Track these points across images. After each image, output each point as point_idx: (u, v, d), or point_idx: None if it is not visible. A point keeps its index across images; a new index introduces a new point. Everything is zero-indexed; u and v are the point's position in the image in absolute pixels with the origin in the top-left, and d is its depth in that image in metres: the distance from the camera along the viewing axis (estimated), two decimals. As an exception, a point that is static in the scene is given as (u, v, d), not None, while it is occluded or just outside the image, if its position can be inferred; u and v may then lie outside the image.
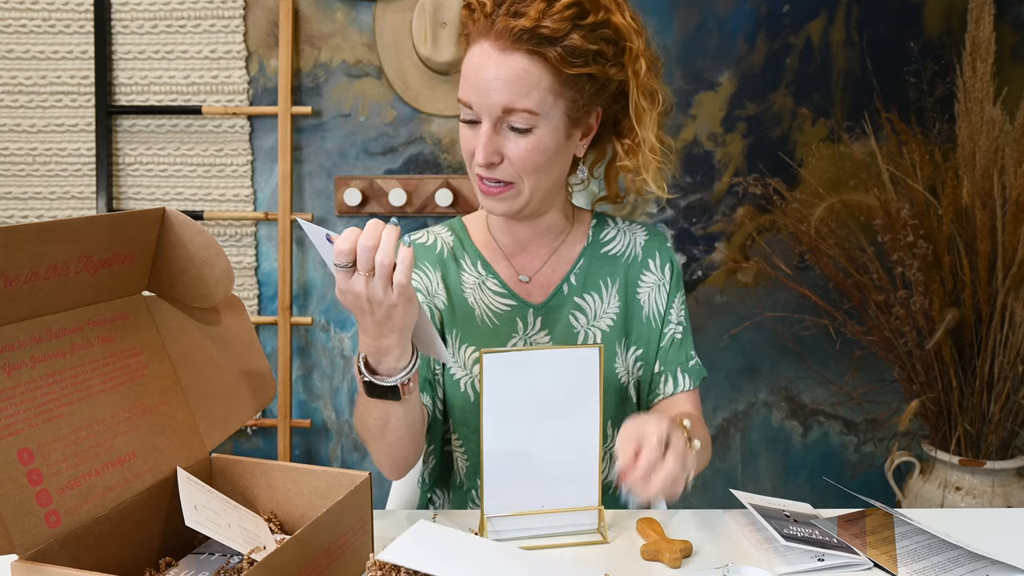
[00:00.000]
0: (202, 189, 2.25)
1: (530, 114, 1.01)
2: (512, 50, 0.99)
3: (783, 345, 2.29)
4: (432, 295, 1.19)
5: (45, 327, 0.80)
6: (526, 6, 0.99)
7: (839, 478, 2.34)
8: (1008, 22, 2.14)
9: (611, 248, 1.22)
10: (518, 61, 1.00)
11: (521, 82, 1.00)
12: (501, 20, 0.99)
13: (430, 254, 1.20)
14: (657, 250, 1.22)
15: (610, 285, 1.19)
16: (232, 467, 0.96)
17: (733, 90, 2.21)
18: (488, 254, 1.20)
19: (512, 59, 1.00)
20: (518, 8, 0.99)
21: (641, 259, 1.21)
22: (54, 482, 0.77)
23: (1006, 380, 1.95)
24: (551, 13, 0.98)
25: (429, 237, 1.23)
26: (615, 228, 1.24)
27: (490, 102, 1.01)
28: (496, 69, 1.00)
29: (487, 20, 1.00)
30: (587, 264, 1.20)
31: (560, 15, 0.98)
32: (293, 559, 0.77)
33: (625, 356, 1.20)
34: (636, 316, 1.21)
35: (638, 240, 1.22)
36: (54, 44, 2.19)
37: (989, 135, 1.94)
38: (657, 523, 1.03)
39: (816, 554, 0.95)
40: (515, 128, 1.02)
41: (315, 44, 2.21)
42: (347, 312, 2.29)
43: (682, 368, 1.21)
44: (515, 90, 1.00)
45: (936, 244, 1.96)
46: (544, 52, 0.99)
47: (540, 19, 0.98)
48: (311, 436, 2.35)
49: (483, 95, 1.01)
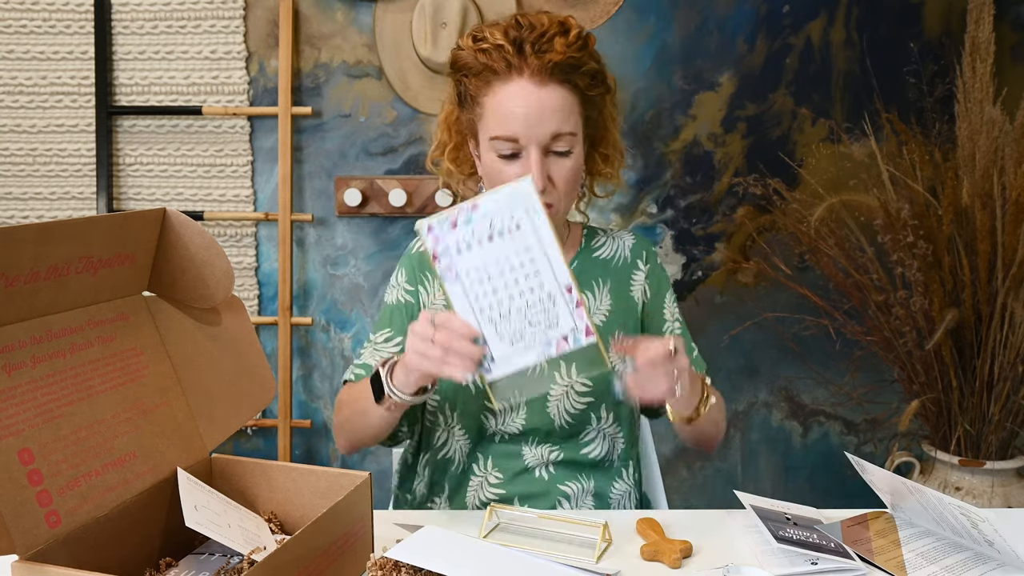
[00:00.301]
0: (202, 189, 2.25)
1: (571, 136, 1.11)
2: (548, 82, 1.09)
3: (783, 345, 2.29)
4: (431, 307, 1.23)
5: (45, 327, 0.81)
6: (548, 42, 1.09)
7: (839, 478, 2.34)
8: (1008, 22, 2.15)
9: (602, 253, 1.29)
10: (556, 91, 1.10)
11: (563, 110, 1.10)
12: (533, 59, 1.08)
13: (427, 261, 1.23)
14: (644, 250, 1.30)
15: (601, 285, 1.25)
16: (232, 467, 0.96)
17: (733, 90, 2.21)
18: None
19: (551, 90, 1.09)
20: (541, 45, 1.09)
21: (630, 260, 1.29)
22: (54, 482, 0.77)
23: (1006, 380, 1.95)
24: (571, 44, 1.10)
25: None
26: (605, 236, 1.31)
27: (540, 132, 1.09)
28: (540, 101, 1.09)
29: (515, 59, 1.09)
30: (579, 266, 1.26)
31: (576, 45, 1.10)
32: (293, 559, 0.77)
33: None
34: (631, 313, 1.27)
35: (626, 244, 1.30)
36: (54, 44, 2.19)
37: (989, 135, 1.94)
38: (657, 523, 1.04)
39: (810, 558, 0.95)
40: (558, 152, 1.11)
41: (315, 44, 2.21)
42: (347, 312, 2.30)
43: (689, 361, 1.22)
44: (561, 117, 1.10)
45: (936, 244, 1.96)
46: (574, 80, 1.10)
47: (565, 51, 1.08)
48: (311, 436, 2.35)
49: (532, 127, 1.09)
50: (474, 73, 1.12)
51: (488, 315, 0.96)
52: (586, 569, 0.89)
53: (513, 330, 0.96)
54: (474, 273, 0.96)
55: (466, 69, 1.14)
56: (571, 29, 1.12)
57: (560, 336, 0.96)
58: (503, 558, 0.86)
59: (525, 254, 0.96)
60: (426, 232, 0.96)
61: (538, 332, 0.96)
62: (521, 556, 0.87)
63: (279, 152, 2.20)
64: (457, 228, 0.96)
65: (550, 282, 0.96)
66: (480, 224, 0.96)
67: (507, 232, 0.96)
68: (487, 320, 0.96)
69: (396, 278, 1.28)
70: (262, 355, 1.02)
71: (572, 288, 0.96)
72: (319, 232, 2.27)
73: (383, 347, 1.23)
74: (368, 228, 2.27)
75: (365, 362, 1.24)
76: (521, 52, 1.09)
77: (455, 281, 0.97)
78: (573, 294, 0.96)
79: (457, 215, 0.96)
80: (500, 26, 1.12)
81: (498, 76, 1.10)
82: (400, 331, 1.23)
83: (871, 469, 1.05)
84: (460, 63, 1.15)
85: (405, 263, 1.28)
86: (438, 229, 0.96)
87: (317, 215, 2.26)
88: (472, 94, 1.14)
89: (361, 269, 2.28)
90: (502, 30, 1.11)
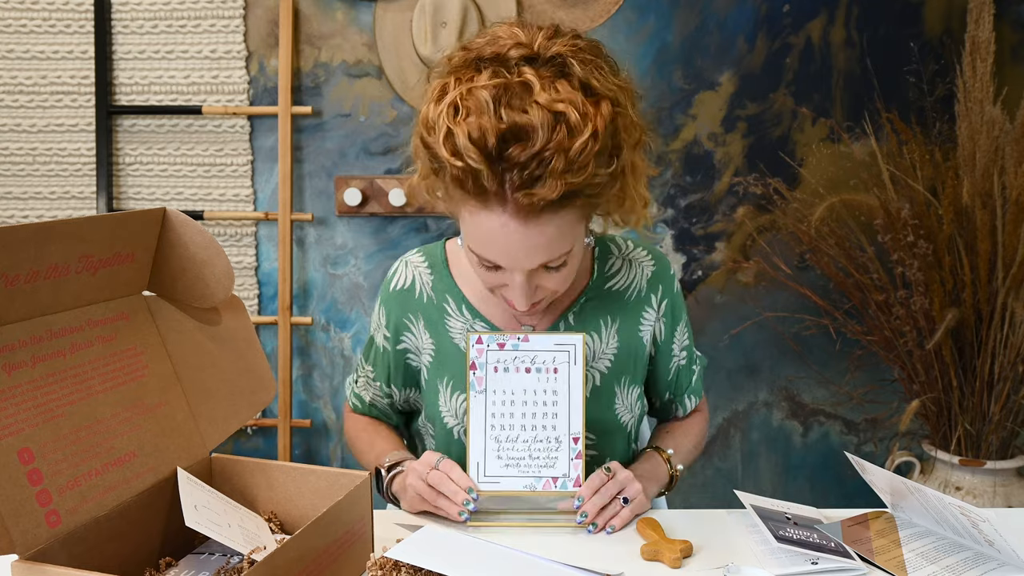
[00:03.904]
0: (202, 189, 2.25)
1: (567, 254, 0.98)
2: (538, 217, 0.91)
3: (783, 345, 2.29)
4: (420, 352, 1.18)
5: (45, 327, 0.80)
6: (542, 170, 0.87)
7: (839, 478, 2.34)
8: (1008, 22, 2.14)
9: (616, 283, 1.16)
10: (548, 225, 0.92)
11: (556, 240, 0.94)
12: (522, 197, 0.88)
13: (409, 300, 1.16)
14: (661, 283, 1.17)
15: (609, 324, 1.15)
16: (232, 467, 0.96)
17: (733, 90, 2.21)
18: (473, 294, 1.16)
19: (541, 226, 0.92)
20: (533, 173, 0.87)
21: (644, 295, 1.17)
22: (54, 482, 0.77)
23: (1006, 380, 1.95)
24: (575, 163, 0.88)
25: (407, 275, 1.17)
26: (620, 257, 1.17)
27: (526, 265, 0.96)
28: (526, 239, 0.92)
29: (497, 189, 0.90)
30: (587, 302, 1.15)
31: (583, 161, 0.88)
32: (293, 559, 0.77)
33: (625, 395, 1.18)
34: (639, 355, 1.18)
35: (644, 273, 1.17)
36: (54, 44, 2.19)
37: (989, 135, 1.94)
38: (657, 523, 1.03)
39: (810, 557, 0.94)
40: (551, 267, 0.98)
41: (315, 44, 2.21)
42: (346, 312, 2.30)
43: (689, 392, 1.25)
44: (553, 248, 0.95)
45: (936, 244, 1.96)
46: (574, 202, 0.92)
47: (564, 177, 0.88)
48: (311, 436, 2.35)
49: (516, 261, 0.95)
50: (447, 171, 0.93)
51: (496, 433, 1.04)
52: (586, 569, 0.88)
53: (512, 455, 1.03)
54: (500, 393, 1.04)
55: (437, 162, 0.94)
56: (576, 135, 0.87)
57: (551, 476, 1.03)
58: (503, 558, 0.86)
59: (552, 395, 1.04)
60: (474, 343, 1.04)
61: (534, 465, 1.03)
62: (521, 556, 0.87)
63: (279, 152, 2.20)
64: (503, 350, 1.05)
65: (563, 427, 1.04)
66: (524, 355, 1.04)
67: (545, 370, 1.04)
68: (493, 437, 1.04)
69: (378, 316, 1.20)
70: (262, 355, 1.02)
71: (580, 439, 1.03)
72: (319, 232, 2.27)
73: (374, 385, 1.25)
74: (368, 228, 2.27)
75: (360, 394, 1.27)
76: (503, 185, 0.89)
77: (481, 394, 1.04)
78: (578, 445, 1.03)
79: (507, 339, 1.05)
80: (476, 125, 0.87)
81: (475, 194, 0.92)
82: (384, 378, 1.23)
83: (871, 469, 1.05)
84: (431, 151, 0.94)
85: (385, 301, 1.19)
86: (486, 343, 1.04)
87: (317, 215, 2.26)
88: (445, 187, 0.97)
89: (361, 269, 2.28)
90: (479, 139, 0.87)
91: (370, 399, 1.26)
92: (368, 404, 1.26)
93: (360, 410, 1.28)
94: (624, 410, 1.18)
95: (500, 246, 0.94)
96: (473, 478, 1.02)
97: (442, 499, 1.02)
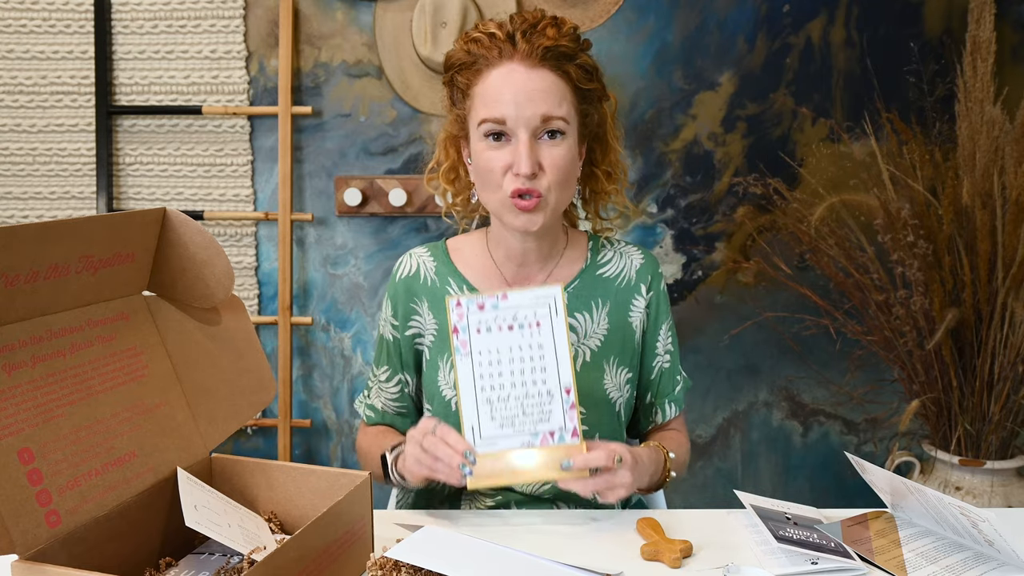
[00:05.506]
0: (202, 189, 2.25)
1: (564, 122, 1.10)
2: (540, 67, 1.09)
3: (783, 345, 2.29)
4: (425, 334, 1.23)
5: (45, 327, 0.80)
6: (540, 30, 1.10)
7: (839, 478, 2.34)
8: (1008, 22, 2.14)
9: (607, 270, 1.25)
10: (547, 75, 1.10)
11: (554, 93, 1.09)
12: (523, 43, 1.09)
13: (414, 284, 1.24)
14: (649, 275, 1.26)
15: (600, 306, 1.23)
16: (232, 467, 0.96)
17: (733, 90, 2.21)
18: (476, 279, 1.22)
19: (542, 74, 1.09)
20: (533, 32, 1.10)
21: (633, 283, 1.25)
22: (54, 482, 0.77)
23: (1006, 380, 1.95)
24: (563, 34, 1.11)
25: (412, 264, 1.25)
26: (612, 250, 1.27)
27: (529, 113, 1.08)
28: (530, 83, 1.09)
29: (506, 45, 1.10)
30: (581, 284, 1.23)
31: (569, 36, 1.11)
32: (293, 559, 0.77)
33: (614, 374, 1.22)
34: (628, 339, 1.24)
35: (633, 264, 1.26)
36: (54, 44, 2.19)
37: (989, 135, 1.94)
38: (657, 523, 1.04)
39: (810, 557, 0.95)
40: (550, 136, 1.10)
41: (315, 44, 2.21)
42: (346, 312, 2.30)
43: (670, 399, 1.28)
44: (551, 100, 1.09)
45: (936, 244, 1.96)
46: (566, 68, 1.10)
47: (557, 39, 1.09)
48: (311, 436, 2.35)
49: (521, 108, 1.08)
50: (465, 66, 1.13)
51: (487, 395, 1.03)
52: (586, 569, 0.88)
53: (506, 414, 1.02)
54: (486, 354, 1.03)
55: (458, 65, 1.15)
56: (564, 24, 1.13)
57: (548, 431, 1.02)
58: (503, 558, 0.86)
59: (538, 349, 1.03)
60: (454, 307, 1.04)
61: (528, 422, 1.02)
62: (521, 556, 0.87)
63: (279, 152, 2.20)
64: (483, 311, 1.04)
65: (553, 380, 1.03)
66: (505, 312, 1.04)
67: (527, 326, 1.03)
68: (484, 399, 1.03)
69: (385, 311, 1.26)
70: (262, 355, 1.02)
71: (571, 390, 1.02)
72: (319, 232, 2.27)
73: (386, 387, 1.27)
74: (368, 228, 2.27)
75: (372, 403, 1.29)
76: (512, 39, 1.10)
77: (466, 356, 1.03)
78: (571, 396, 1.02)
79: (486, 299, 1.04)
80: (493, 22, 1.14)
81: (488, 64, 1.11)
82: (396, 369, 1.26)
83: (871, 469, 1.05)
84: (452, 60, 1.16)
85: (392, 294, 1.26)
86: (465, 306, 1.04)
87: (317, 215, 2.26)
88: (463, 88, 1.14)
89: (361, 269, 2.28)
90: (495, 24, 1.13)
91: (382, 406, 1.28)
92: (380, 412, 1.28)
93: (373, 420, 1.29)
94: (613, 388, 1.21)
95: (508, 95, 1.08)
96: (470, 442, 1.01)
97: (440, 463, 1.01)
